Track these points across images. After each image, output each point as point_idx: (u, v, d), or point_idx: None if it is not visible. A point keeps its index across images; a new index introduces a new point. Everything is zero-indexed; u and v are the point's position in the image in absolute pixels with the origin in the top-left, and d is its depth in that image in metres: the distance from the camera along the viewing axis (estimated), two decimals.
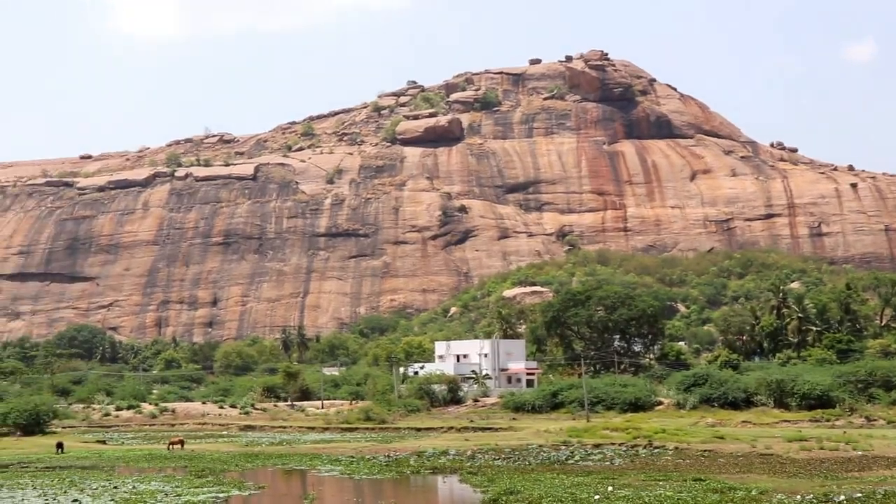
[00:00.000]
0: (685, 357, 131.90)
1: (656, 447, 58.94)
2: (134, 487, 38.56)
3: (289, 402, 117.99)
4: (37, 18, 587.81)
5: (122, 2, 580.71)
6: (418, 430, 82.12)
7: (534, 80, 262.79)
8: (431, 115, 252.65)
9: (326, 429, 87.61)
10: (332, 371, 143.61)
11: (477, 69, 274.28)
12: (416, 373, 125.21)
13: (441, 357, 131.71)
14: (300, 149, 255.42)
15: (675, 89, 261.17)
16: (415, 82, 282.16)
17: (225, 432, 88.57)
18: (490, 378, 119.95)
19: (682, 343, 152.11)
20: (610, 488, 37.55)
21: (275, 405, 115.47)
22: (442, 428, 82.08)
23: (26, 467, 51.84)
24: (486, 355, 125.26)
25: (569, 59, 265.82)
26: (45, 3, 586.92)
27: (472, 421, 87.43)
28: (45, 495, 35.17)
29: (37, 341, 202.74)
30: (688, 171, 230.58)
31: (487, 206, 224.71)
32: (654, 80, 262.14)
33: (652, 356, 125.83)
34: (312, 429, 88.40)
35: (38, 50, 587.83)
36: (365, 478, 44.64)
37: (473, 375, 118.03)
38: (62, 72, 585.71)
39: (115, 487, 38.47)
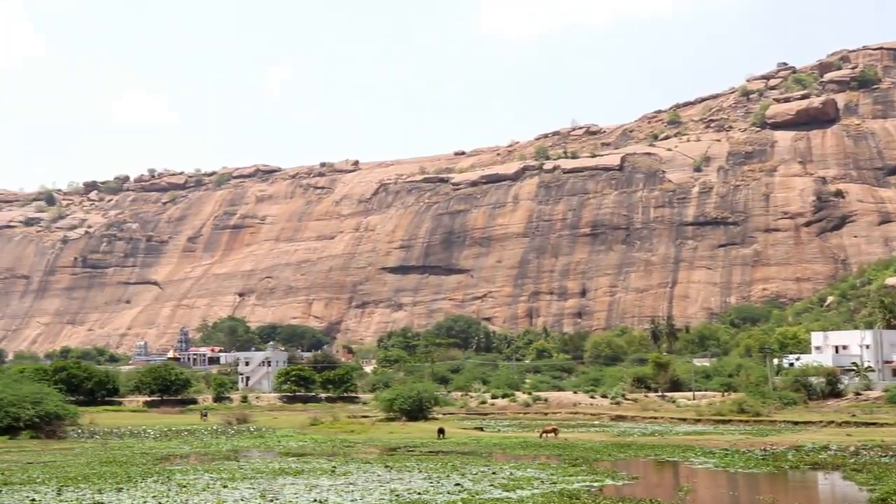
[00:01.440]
0: None
1: None
2: (511, 474, 40.14)
3: (659, 393, 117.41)
4: (413, 23, 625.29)
5: (490, 2, 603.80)
6: (795, 423, 78.76)
7: None
8: (804, 97, 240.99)
9: (698, 420, 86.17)
10: (702, 362, 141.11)
11: (853, 46, 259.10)
12: (791, 364, 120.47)
13: (818, 348, 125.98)
14: (666, 137, 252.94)
15: None
16: (785, 64, 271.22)
17: (596, 422, 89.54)
18: (872, 370, 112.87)
19: None
20: None
21: (645, 395, 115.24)
22: (821, 422, 78.17)
23: (412, 451, 55.45)
24: (867, 346, 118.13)
25: None
26: (418, 8, 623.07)
27: (853, 415, 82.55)
28: (429, 478, 37.50)
29: (417, 331, 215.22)
30: None
31: (866, 190, 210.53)
32: None
33: None
34: (684, 420, 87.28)
35: (416, 52, 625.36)
36: (740, 471, 43.63)
37: (854, 367, 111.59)
38: (438, 72, 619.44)
39: (494, 473, 40.22)
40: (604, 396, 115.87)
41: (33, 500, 29.06)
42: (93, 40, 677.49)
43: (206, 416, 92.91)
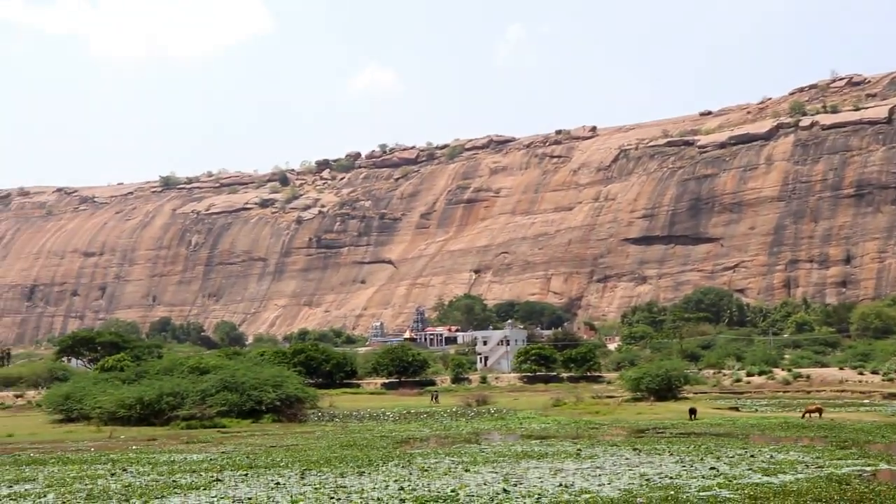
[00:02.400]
0: None
1: None
2: (771, 457, 38.98)
3: None
4: None
5: None
6: None
7: None
8: None
9: None
10: None
11: None
12: None
13: None
14: None
15: None
16: None
17: (866, 401, 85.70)
18: None
19: None
20: None
21: None
22: None
23: (661, 433, 54.84)
24: None
25: None
26: None
27: None
28: (681, 462, 36.97)
29: (664, 305, 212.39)
30: None
31: None
32: None
33: None
34: None
35: (652, 5, 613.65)
36: None
37: None
38: (678, 26, 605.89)
39: (752, 456, 39.18)
40: (874, 373, 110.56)
41: (277, 483, 30.65)
42: (322, 16, 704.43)
43: (436, 398, 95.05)
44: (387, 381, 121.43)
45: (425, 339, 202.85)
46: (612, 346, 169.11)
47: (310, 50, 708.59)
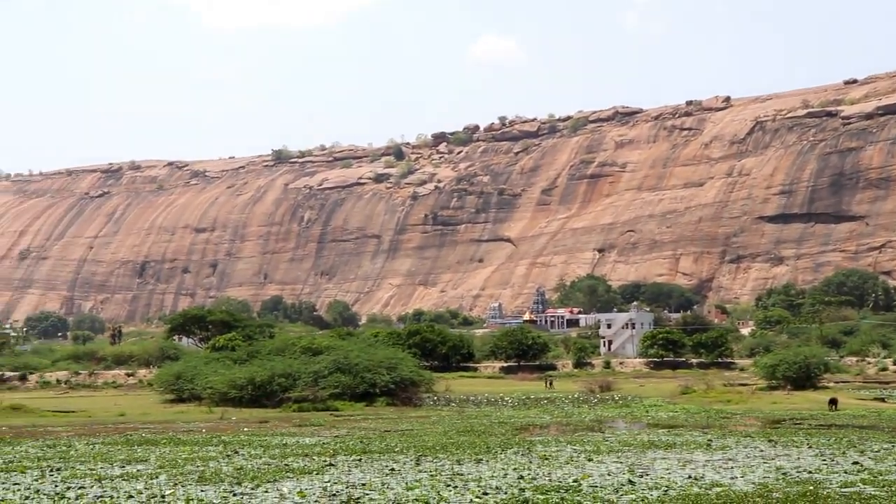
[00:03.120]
0: None
1: None
2: None
3: None
4: None
5: None
6: None
7: None
8: None
9: None
10: None
11: None
12: None
13: None
14: None
15: None
16: None
17: None
18: None
19: None
20: None
21: None
22: None
23: (799, 424, 53.72)
24: None
25: None
26: None
27: None
28: (821, 455, 36.16)
29: (802, 288, 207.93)
30: None
31: None
32: None
33: None
34: None
35: None
36: None
37: None
38: None
39: None
40: None
41: (392, 469, 30.98)
42: None
43: (551, 383, 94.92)
44: (505, 364, 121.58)
45: (546, 321, 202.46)
46: (745, 331, 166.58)
47: (426, 18, 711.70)
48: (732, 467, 32.05)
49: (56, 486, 26.65)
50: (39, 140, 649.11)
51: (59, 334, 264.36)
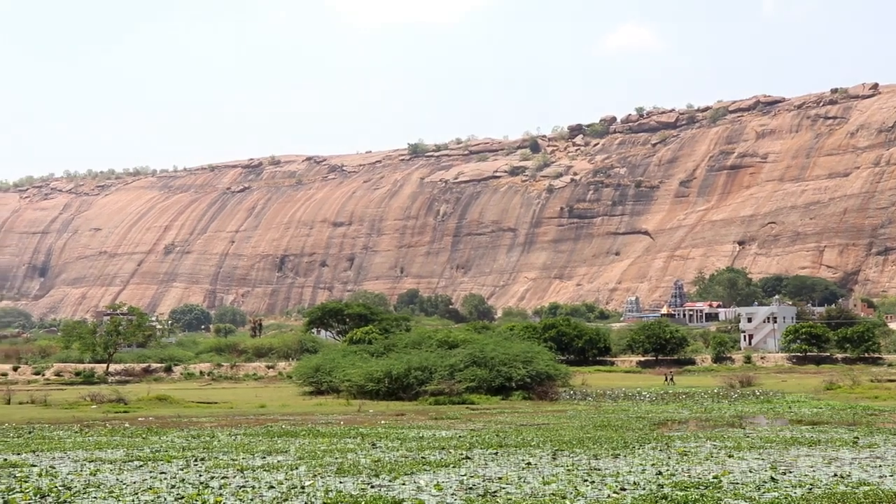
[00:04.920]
0: None
1: None
2: None
3: None
4: None
5: None
6: None
7: None
8: None
9: None
10: None
11: None
12: None
13: None
14: None
15: None
16: None
17: None
18: None
19: None
20: None
21: None
22: None
23: None
24: None
25: None
26: None
27: None
28: None
29: None
30: None
31: None
32: None
33: None
34: None
35: None
36: None
37: None
38: None
39: None
40: None
41: (528, 463, 30.96)
42: None
43: (671, 379, 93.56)
44: (642, 358, 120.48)
45: (684, 314, 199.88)
46: (893, 326, 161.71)
47: (562, 9, 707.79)
48: (881, 465, 31.10)
49: (200, 475, 27.38)
50: (184, 137, 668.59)
51: (202, 327, 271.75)
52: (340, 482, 26.04)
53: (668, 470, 29.15)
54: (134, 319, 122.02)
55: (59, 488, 24.18)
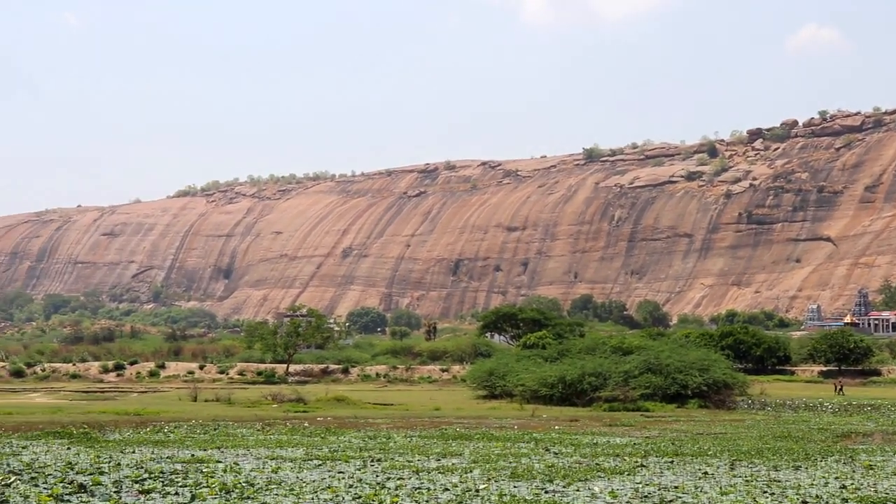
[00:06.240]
0: None
1: None
2: None
3: None
4: None
5: None
6: None
7: None
8: None
9: None
10: None
11: None
12: None
13: None
14: None
15: None
16: None
17: None
18: None
19: None
20: None
21: None
22: None
23: None
24: None
25: None
26: None
27: None
28: None
29: None
30: None
31: None
32: None
33: None
34: None
35: None
36: None
37: None
38: None
39: None
40: None
41: (705, 472, 30.40)
42: None
43: (842, 389, 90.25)
44: (824, 368, 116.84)
45: (869, 324, 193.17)
46: None
47: (743, 10, 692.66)
48: None
49: (377, 475, 27.82)
50: (362, 142, 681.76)
51: (378, 329, 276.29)
52: (514, 486, 26.08)
53: (852, 484, 28.18)
54: (313, 321, 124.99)
55: (243, 484, 24.93)
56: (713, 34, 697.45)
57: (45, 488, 23.56)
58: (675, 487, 26.64)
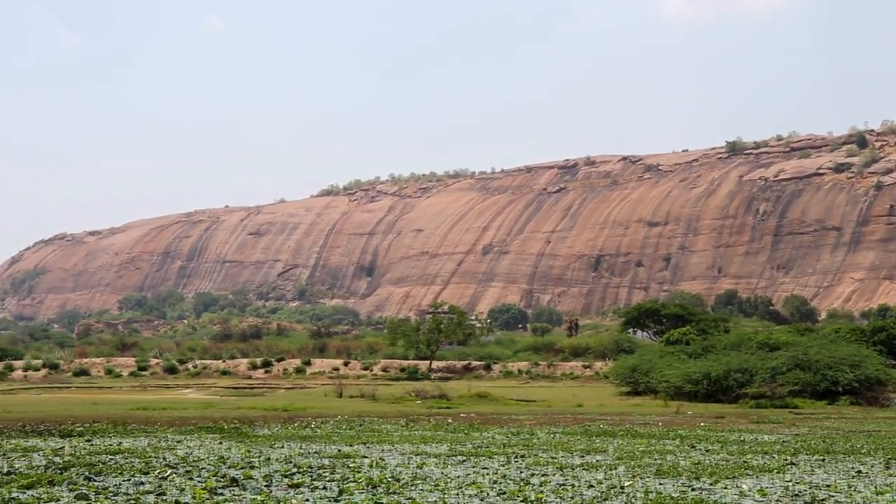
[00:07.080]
0: None
1: None
2: None
3: None
4: None
5: None
6: None
7: None
8: None
9: None
10: None
11: None
12: None
13: None
14: None
15: None
16: None
17: None
18: None
19: None
20: None
21: None
22: None
23: None
24: None
25: None
26: None
27: None
28: None
29: None
30: None
31: None
32: None
33: None
34: None
35: None
36: None
37: None
38: None
39: None
40: None
41: (859, 471, 29.54)
42: None
43: None
44: None
45: None
46: None
47: None
48: None
49: (521, 472, 27.81)
50: (501, 138, 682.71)
51: (520, 325, 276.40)
52: (660, 484, 25.78)
53: None
54: (454, 318, 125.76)
55: (389, 479, 25.20)
56: (860, 23, 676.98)
57: (199, 482, 24.22)
58: (828, 486, 25.96)
